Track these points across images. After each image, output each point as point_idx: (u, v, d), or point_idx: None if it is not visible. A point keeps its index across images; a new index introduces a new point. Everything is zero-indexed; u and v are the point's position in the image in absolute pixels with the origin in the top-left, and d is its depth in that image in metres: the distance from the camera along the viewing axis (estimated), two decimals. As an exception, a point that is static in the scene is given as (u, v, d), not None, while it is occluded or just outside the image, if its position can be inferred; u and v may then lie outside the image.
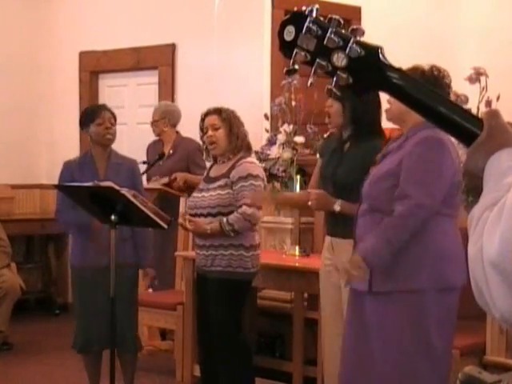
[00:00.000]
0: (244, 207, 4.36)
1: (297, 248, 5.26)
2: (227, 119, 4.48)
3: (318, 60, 1.41)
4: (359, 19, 6.85)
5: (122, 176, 4.64)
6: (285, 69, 1.48)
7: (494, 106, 5.31)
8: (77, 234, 4.77)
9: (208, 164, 4.78)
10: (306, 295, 5.19)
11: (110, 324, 4.30)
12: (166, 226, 4.41)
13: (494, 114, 1.38)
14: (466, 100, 5.04)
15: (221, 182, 4.43)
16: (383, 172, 3.44)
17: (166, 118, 6.31)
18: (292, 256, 5.22)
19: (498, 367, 4.19)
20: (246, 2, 6.65)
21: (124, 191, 4.20)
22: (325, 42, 1.41)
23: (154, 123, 6.38)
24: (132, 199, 4.20)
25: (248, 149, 4.58)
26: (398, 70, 1.41)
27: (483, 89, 5.24)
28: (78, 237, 4.75)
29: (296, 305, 5.18)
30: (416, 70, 3.41)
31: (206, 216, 4.43)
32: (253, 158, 4.59)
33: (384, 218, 3.39)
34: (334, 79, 1.42)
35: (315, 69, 1.42)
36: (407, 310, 3.35)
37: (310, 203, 4.13)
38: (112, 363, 4.28)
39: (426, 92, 1.42)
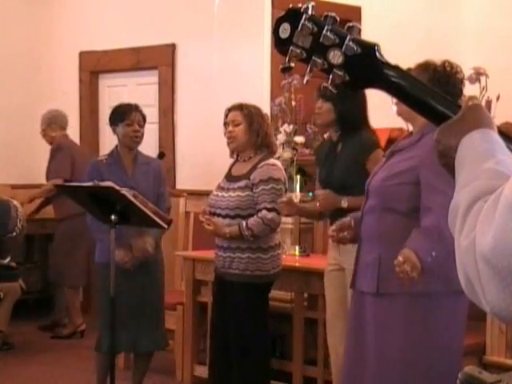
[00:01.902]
0: (264, 211, 4.24)
1: (297, 248, 5.27)
2: (248, 115, 4.37)
3: (313, 57, 1.40)
4: (359, 19, 6.84)
5: (150, 177, 4.70)
6: (280, 66, 1.47)
7: (493, 105, 5.31)
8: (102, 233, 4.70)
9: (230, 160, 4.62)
10: (306, 295, 5.19)
11: (111, 324, 4.30)
12: (166, 226, 4.41)
13: (471, 97, 1.38)
14: (466, 100, 5.03)
15: (241, 184, 4.32)
16: (398, 170, 3.35)
17: (52, 125, 6.76)
18: (292, 256, 5.22)
19: (497, 367, 4.19)
20: (245, 2, 6.65)
21: (124, 191, 4.20)
22: (321, 40, 1.40)
23: (42, 133, 6.84)
24: (132, 199, 4.20)
25: (271, 149, 4.45)
26: (395, 68, 1.40)
27: (483, 89, 5.24)
28: (104, 234, 4.68)
29: (296, 305, 5.18)
30: (428, 67, 3.35)
31: (224, 217, 4.31)
32: (275, 160, 4.45)
33: (394, 216, 3.33)
34: (330, 77, 1.40)
35: (311, 66, 1.41)
36: (413, 313, 3.30)
37: (317, 204, 4.12)
38: (112, 363, 4.27)
39: (424, 89, 1.42)
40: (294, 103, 5.89)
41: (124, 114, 4.70)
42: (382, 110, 4.16)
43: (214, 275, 4.59)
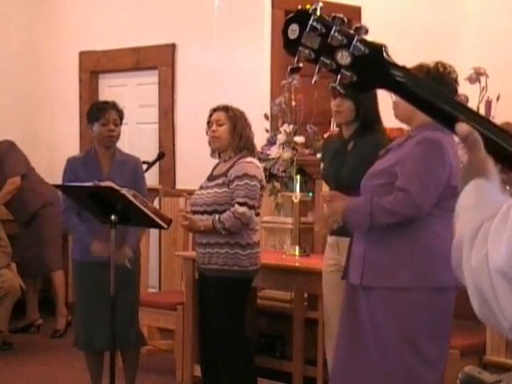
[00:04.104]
0: (236, 206, 4.35)
1: (297, 248, 5.26)
2: (233, 117, 4.48)
3: (321, 58, 1.42)
4: (359, 19, 6.84)
5: (126, 175, 4.67)
6: (289, 67, 1.48)
7: (493, 105, 5.31)
8: (78, 231, 4.75)
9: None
10: (306, 295, 5.19)
11: (110, 323, 4.30)
12: (166, 226, 4.41)
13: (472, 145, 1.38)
14: (466, 100, 5.04)
15: (219, 181, 4.44)
16: (380, 168, 3.46)
17: None
18: (292, 256, 5.22)
19: (498, 367, 4.20)
20: (245, 2, 6.65)
21: (124, 191, 4.20)
22: (329, 41, 1.41)
23: None
24: (132, 199, 4.20)
25: (251, 151, 4.55)
26: (402, 68, 1.41)
27: (483, 89, 5.25)
28: (79, 231, 4.72)
29: (296, 305, 5.18)
30: (421, 69, 3.42)
31: (202, 213, 4.44)
32: (253, 159, 4.55)
33: None
34: (338, 77, 1.42)
35: (319, 67, 1.42)
36: (393, 308, 3.37)
37: (324, 205, 4.13)
38: (112, 362, 4.28)
39: (431, 90, 1.42)
40: (293, 103, 5.88)
41: (99, 113, 4.67)
42: (382, 110, 4.16)
43: (197, 274, 4.67)
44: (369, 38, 1.42)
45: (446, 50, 6.73)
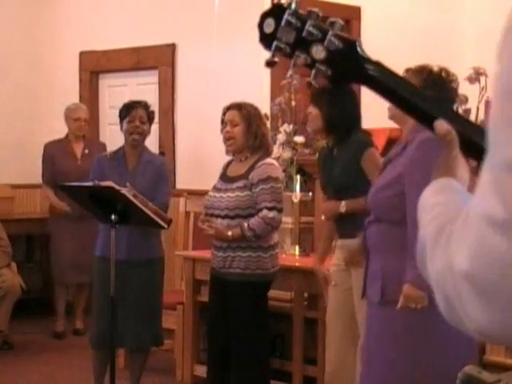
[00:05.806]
0: (265, 211, 4.25)
1: (297, 248, 5.27)
2: (247, 116, 4.36)
3: (296, 52, 1.42)
4: (359, 19, 6.85)
5: (148, 175, 4.69)
6: (265, 60, 1.49)
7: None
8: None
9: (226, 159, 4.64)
10: (306, 295, 5.20)
11: (110, 323, 4.30)
12: (166, 226, 4.42)
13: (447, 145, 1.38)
14: (466, 100, 5.04)
15: (239, 184, 4.32)
16: (386, 181, 3.40)
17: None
18: (292, 256, 5.22)
19: (497, 367, 4.20)
20: (246, 2, 6.65)
21: (124, 191, 4.20)
22: (303, 35, 1.40)
23: (87, 123, 6.82)
24: (132, 199, 4.20)
25: (267, 149, 4.46)
26: (376, 63, 1.41)
27: (483, 89, 5.24)
28: (105, 227, 4.65)
29: (296, 305, 5.18)
30: (423, 70, 3.40)
31: (223, 218, 4.31)
32: (272, 160, 4.48)
33: (390, 227, 3.35)
34: (313, 72, 1.41)
35: (294, 61, 1.42)
36: (417, 320, 3.30)
37: (322, 217, 4.24)
38: (112, 362, 4.28)
39: (406, 86, 1.42)
40: (293, 103, 5.89)
41: (127, 110, 4.73)
42: (382, 110, 4.16)
43: (209, 276, 4.60)
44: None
45: (446, 49, 6.74)
